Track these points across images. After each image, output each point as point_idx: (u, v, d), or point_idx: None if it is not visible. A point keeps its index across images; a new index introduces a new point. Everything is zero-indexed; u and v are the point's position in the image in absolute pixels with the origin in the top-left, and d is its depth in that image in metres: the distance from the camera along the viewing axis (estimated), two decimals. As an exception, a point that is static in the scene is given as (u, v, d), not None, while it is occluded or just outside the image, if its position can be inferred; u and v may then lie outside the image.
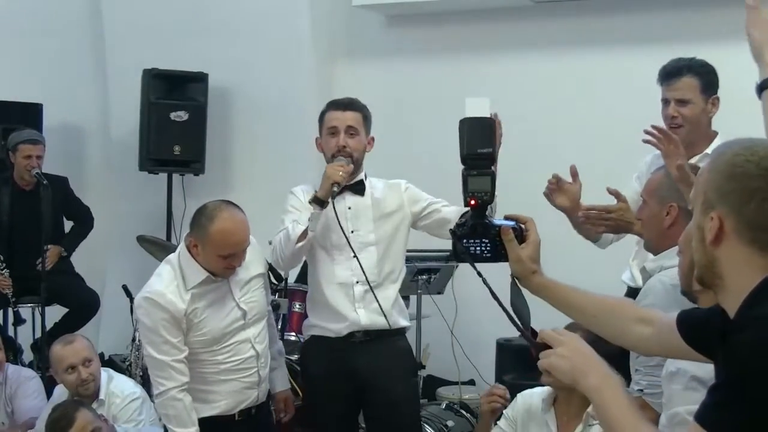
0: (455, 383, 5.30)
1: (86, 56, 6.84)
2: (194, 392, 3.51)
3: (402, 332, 3.87)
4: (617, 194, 3.39)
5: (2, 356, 4.66)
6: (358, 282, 3.70)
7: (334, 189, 3.58)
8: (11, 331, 5.72)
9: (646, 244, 3.09)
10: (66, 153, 6.64)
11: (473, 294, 4.86)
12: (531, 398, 3.26)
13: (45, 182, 5.46)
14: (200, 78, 6.21)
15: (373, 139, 3.85)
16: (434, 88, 5.82)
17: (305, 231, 3.60)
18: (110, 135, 6.76)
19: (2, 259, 5.60)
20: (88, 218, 6.06)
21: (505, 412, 3.31)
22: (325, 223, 3.66)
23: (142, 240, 5.39)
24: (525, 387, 3.41)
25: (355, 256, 3.64)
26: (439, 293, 5.19)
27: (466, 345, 5.32)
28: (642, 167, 3.72)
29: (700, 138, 3.57)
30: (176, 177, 6.33)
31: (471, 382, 5.49)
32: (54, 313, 5.66)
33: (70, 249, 5.92)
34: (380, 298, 3.68)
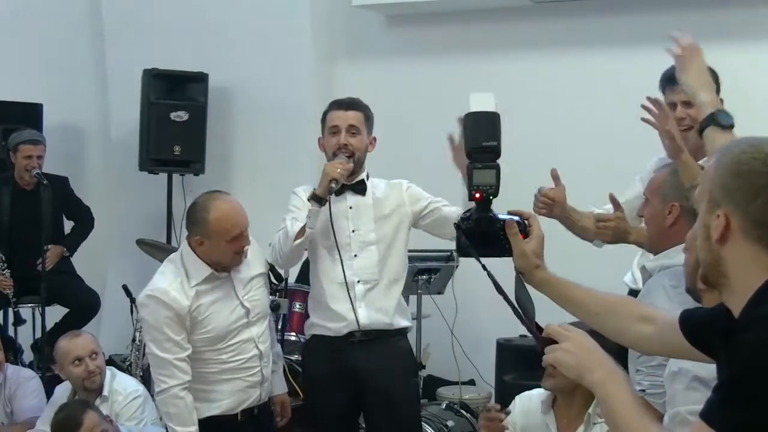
0: (455, 383, 5.29)
1: (86, 56, 6.83)
2: (196, 392, 3.51)
3: (403, 332, 3.87)
4: (615, 203, 3.38)
5: (2, 356, 4.65)
6: (360, 281, 3.70)
7: (332, 186, 3.59)
8: (11, 331, 5.73)
9: (646, 243, 3.09)
10: (66, 153, 6.63)
11: (473, 294, 4.89)
12: (530, 400, 3.26)
13: (45, 182, 5.46)
14: (200, 78, 6.20)
15: (375, 139, 3.85)
16: (434, 88, 5.81)
17: (303, 228, 3.60)
18: (110, 135, 6.75)
19: (3, 259, 5.60)
20: (89, 218, 6.05)
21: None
22: (326, 222, 3.67)
23: (142, 243, 5.39)
24: (525, 387, 3.41)
25: (356, 256, 3.65)
26: (439, 293, 5.20)
27: (466, 345, 5.33)
28: (649, 167, 3.70)
29: None
30: (176, 177, 6.32)
31: (471, 382, 5.49)
32: (54, 314, 5.65)
33: (72, 249, 5.91)
34: (384, 298, 3.68)
